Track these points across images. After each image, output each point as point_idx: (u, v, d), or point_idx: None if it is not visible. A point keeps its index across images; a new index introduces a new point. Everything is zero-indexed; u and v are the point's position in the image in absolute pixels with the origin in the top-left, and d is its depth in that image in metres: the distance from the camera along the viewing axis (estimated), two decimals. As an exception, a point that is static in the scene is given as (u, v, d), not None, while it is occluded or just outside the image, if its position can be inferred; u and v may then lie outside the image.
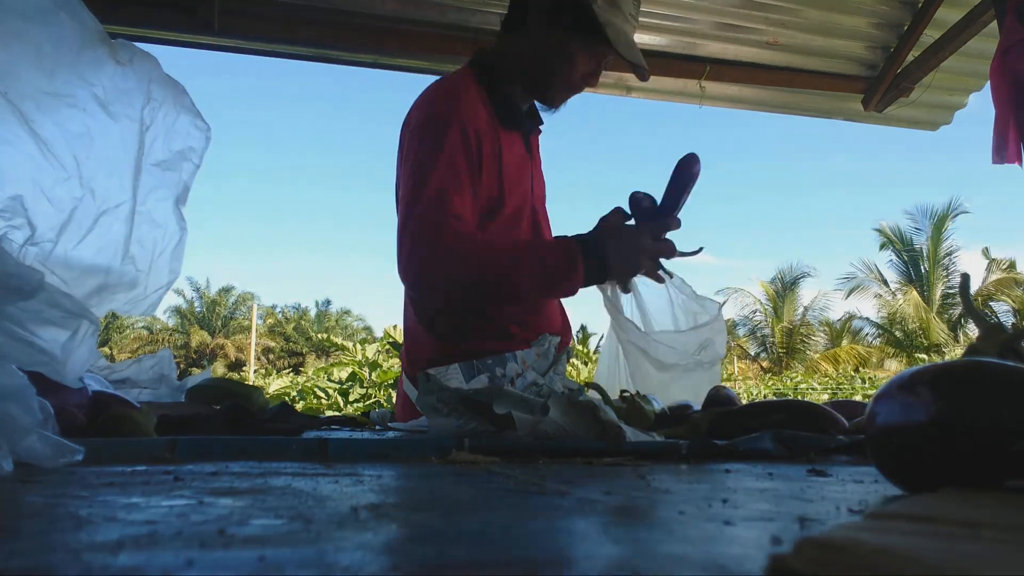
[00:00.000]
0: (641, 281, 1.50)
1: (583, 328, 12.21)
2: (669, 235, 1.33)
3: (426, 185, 1.30)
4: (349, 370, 9.03)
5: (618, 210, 1.40)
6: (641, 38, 1.19)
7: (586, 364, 8.91)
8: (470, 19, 2.64)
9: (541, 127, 1.66)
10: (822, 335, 24.23)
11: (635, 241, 1.31)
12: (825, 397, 13.39)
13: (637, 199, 1.35)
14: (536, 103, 1.58)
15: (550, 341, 1.23)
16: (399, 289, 1.48)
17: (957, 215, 21.39)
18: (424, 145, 1.36)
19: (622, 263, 1.31)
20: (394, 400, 1.88)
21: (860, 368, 19.25)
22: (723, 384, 1.44)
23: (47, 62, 0.96)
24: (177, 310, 32.54)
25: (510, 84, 1.52)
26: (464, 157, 1.36)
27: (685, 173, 1.32)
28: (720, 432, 0.99)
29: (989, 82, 2.29)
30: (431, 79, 1.51)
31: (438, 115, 1.38)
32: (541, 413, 0.87)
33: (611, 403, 1.06)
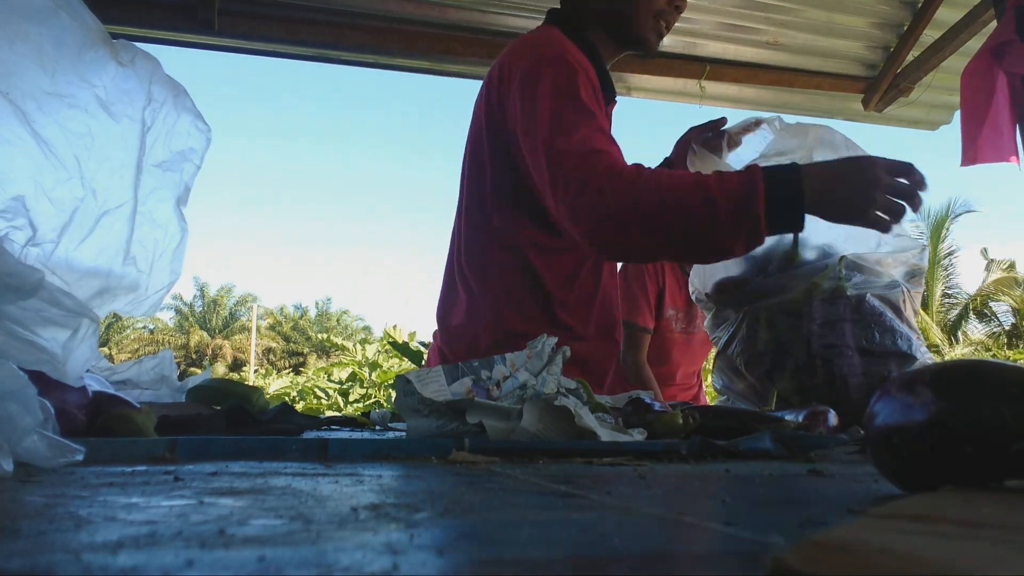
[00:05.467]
0: None
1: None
2: None
3: (565, 120, 1.22)
4: (349, 370, 9.03)
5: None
6: (641, 38, 1.19)
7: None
8: (471, 19, 2.64)
9: (616, 100, 1.58)
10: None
11: (863, 172, 1.06)
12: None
13: None
14: (631, 49, 1.47)
15: (544, 342, 1.23)
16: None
17: (959, 216, 21.35)
18: (554, 83, 1.26)
19: (839, 198, 1.06)
20: (394, 400, 1.86)
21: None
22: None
23: (48, 62, 0.96)
24: (177, 310, 32.56)
25: (596, 35, 1.44)
26: (595, 97, 1.29)
27: None
28: (703, 428, 1.00)
29: (960, 84, 2.24)
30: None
31: (557, 56, 1.30)
32: (516, 419, 0.87)
33: (594, 401, 1.06)
